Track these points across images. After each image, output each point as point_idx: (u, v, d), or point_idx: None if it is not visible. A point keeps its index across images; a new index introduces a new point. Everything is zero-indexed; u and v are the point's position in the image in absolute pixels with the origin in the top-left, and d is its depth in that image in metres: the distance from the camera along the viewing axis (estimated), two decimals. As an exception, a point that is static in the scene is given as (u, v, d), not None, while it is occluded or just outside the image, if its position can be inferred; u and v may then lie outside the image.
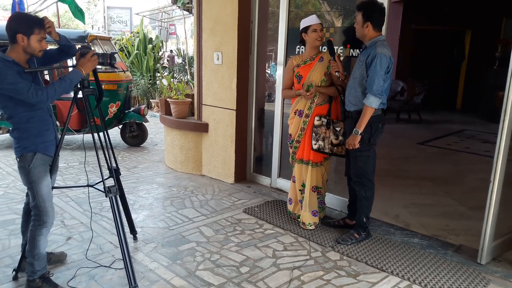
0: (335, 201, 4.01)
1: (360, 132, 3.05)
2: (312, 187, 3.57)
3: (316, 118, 3.40)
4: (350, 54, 3.85)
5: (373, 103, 2.98)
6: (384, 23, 3.31)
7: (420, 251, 3.19)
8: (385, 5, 3.33)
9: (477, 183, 4.94)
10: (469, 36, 11.04)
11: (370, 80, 2.98)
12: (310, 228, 3.54)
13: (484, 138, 7.70)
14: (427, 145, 7.09)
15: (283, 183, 4.42)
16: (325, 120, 3.40)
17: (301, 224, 3.59)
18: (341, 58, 3.51)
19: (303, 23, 3.44)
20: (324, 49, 3.76)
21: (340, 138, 3.39)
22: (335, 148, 3.41)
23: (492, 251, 3.02)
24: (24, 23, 2.34)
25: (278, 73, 4.33)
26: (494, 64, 9.54)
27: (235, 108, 4.59)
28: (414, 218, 3.85)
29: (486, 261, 3.00)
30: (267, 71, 5.22)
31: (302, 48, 4.12)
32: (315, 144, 3.40)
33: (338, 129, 3.40)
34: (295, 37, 4.21)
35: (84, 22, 8.50)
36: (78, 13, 8.00)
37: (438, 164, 5.89)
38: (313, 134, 3.40)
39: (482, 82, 9.56)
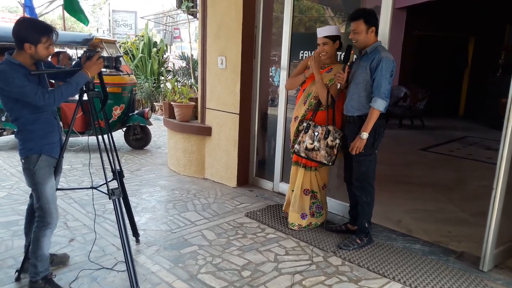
0: (337, 206, 4.01)
1: (367, 135, 3.06)
2: (304, 190, 3.57)
3: (299, 123, 3.45)
4: (354, 60, 3.86)
5: (380, 106, 3.00)
6: (389, 29, 3.34)
7: (422, 257, 3.19)
8: (389, 11, 3.37)
9: (479, 189, 4.93)
10: (473, 42, 11.06)
11: (377, 84, 3.00)
12: (293, 228, 3.58)
13: (486, 144, 7.69)
14: (429, 151, 7.08)
15: (285, 188, 4.42)
16: (305, 125, 3.39)
17: (287, 222, 3.65)
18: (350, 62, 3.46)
19: None
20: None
21: (315, 143, 3.32)
22: (310, 152, 3.34)
23: (494, 258, 3.02)
24: (31, 32, 2.33)
25: (282, 78, 4.35)
26: (497, 71, 9.54)
27: (238, 112, 4.61)
28: (416, 224, 3.85)
29: (488, 268, 3.00)
30: (271, 74, 5.23)
31: (307, 53, 4.16)
32: (293, 148, 3.44)
33: (316, 134, 3.33)
34: (299, 42, 4.25)
35: (86, 23, 8.50)
36: (81, 15, 8.02)
37: (440, 170, 5.88)
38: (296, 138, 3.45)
39: (485, 88, 9.56)
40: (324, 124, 3.36)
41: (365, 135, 3.06)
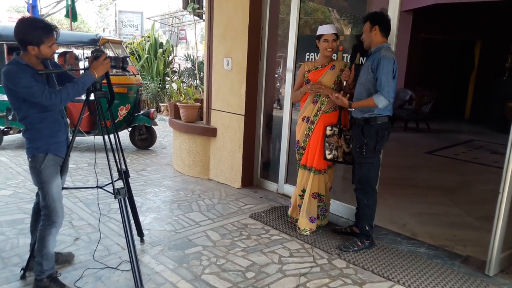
0: (342, 209, 4.00)
1: (351, 107, 3.18)
2: (313, 193, 3.57)
3: (328, 128, 3.41)
4: (360, 62, 3.86)
5: (380, 102, 2.99)
6: (395, 32, 3.34)
7: (427, 261, 3.17)
8: (396, 13, 3.37)
9: (484, 193, 4.90)
10: (479, 46, 11.01)
11: (379, 82, 3.00)
12: (305, 233, 3.56)
13: (492, 148, 7.64)
14: (434, 155, 7.05)
15: (290, 189, 4.42)
16: (336, 129, 3.41)
17: (297, 228, 3.61)
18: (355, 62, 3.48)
19: (318, 31, 3.47)
20: (334, 57, 3.76)
21: (351, 145, 3.41)
22: (347, 156, 3.44)
23: (500, 263, 3.00)
24: (32, 34, 2.33)
25: (287, 79, 4.35)
26: (504, 75, 9.49)
27: (243, 114, 4.62)
28: (421, 228, 3.83)
29: (494, 273, 2.98)
30: (276, 76, 5.24)
31: (312, 55, 4.16)
32: (329, 154, 3.40)
33: (348, 137, 3.42)
34: (305, 44, 4.25)
35: (75, 20, 8.40)
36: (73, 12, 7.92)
37: (446, 174, 5.85)
38: (326, 144, 3.40)
39: (492, 92, 9.51)
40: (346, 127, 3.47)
41: (350, 105, 3.17)
